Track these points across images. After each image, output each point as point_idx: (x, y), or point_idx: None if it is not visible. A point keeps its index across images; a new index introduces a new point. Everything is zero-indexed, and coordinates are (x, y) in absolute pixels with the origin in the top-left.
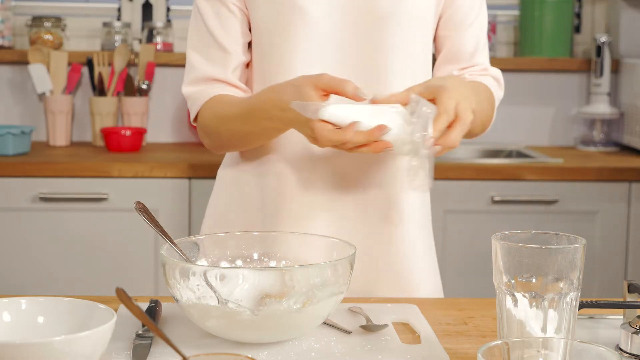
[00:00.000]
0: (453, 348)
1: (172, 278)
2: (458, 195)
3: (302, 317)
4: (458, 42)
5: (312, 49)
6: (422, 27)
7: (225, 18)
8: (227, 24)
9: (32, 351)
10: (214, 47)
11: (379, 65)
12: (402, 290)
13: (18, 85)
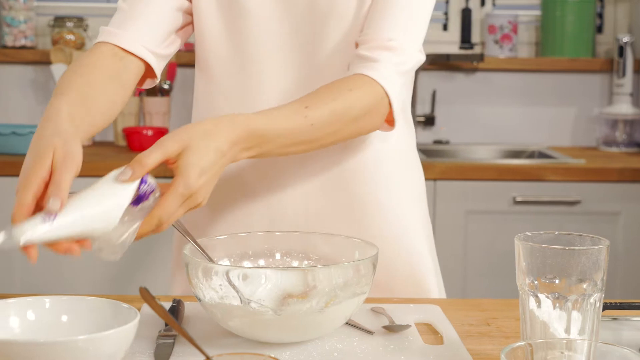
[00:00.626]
0: (476, 349)
1: (194, 277)
2: (480, 196)
3: (325, 317)
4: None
5: (254, 46)
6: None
7: None
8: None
9: (56, 350)
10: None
11: (322, 63)
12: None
13: (40, 85)
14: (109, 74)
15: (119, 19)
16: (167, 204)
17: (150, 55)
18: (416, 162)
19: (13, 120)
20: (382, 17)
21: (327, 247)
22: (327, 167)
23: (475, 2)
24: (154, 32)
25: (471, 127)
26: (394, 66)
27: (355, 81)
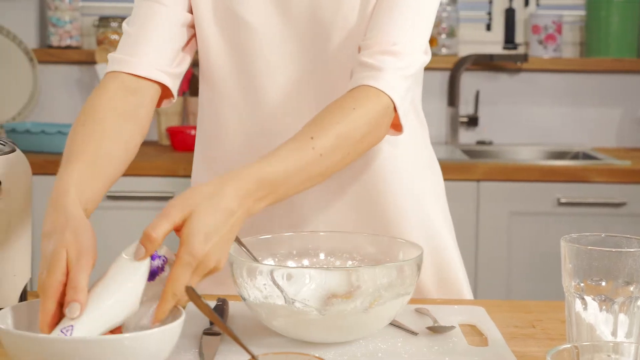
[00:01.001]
0: (521, 351)
1: (239, 277)
2: (524, 197)
3: (369, 317)
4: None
5: (257, 58)
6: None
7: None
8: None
9: (102, 347)
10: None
11: (326, 71)
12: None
13: (85, 85)
14: (121, 118)
15: (127, 44)
16: (176, 276)
17: (165, 76)
18: (432, 158)
19: (58, 120)
20: (385, 21)
21: (371, 247)
22: (343, 172)
23: (519, 2)
24: (164, 53)
25: (515, 128)
26: (398, 71)
27: (359, 97)
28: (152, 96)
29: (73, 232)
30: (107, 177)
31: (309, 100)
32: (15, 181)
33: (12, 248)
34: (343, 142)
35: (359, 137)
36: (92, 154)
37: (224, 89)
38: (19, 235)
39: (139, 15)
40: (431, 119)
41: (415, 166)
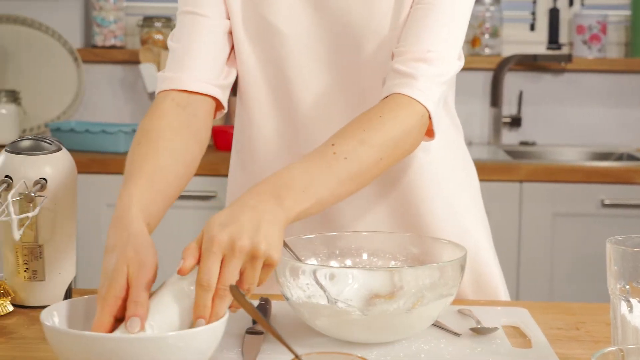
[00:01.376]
0: (565, 353)
1: (282, 276)
2: (567, 198)
3: (412, 318)
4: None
5: (290, 67)
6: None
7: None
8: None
9: (146, 346)
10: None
11: (359, 79)
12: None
13: (129, 84)
14: (176, 133)
15: (174, 60)
16: (202, 267)
17: (215, 88)
18: (466, 159)
19: (102, 119)
20: (419, 28)
21: (414, 247)
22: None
23: (563, 1)
24: (212, 65)
25: (558, 129)
26: (432, 78)
27: (389, 105)
28: (205, 110)
29: (135, 249)
30: (167, 192)
31: (341, 106)
32: (61, 180)
33: (58, 246)
34: (371, 148)
35: (389, 143)
36: (151, 170)
37: (257, 95)
38: (65, 233)
39: (182, 30)
40: (474, 119)
41: (449, 170)
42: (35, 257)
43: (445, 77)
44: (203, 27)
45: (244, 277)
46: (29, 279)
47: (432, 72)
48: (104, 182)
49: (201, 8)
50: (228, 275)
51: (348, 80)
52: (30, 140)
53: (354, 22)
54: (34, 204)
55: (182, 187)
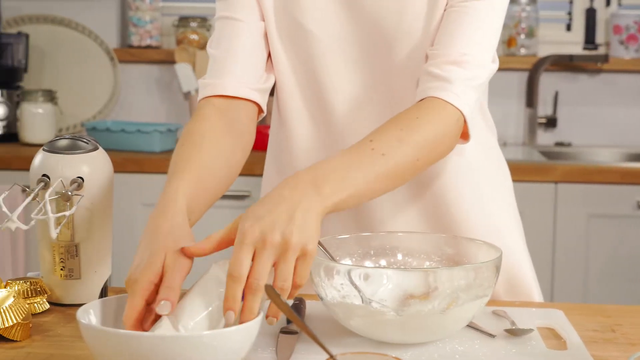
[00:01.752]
0: (601, 356)
1: (316, 276)
2: (603, 200)
3: (446, 319)
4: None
5: (321, 68)
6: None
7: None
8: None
9: (182, 344)
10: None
11: (391, 81)
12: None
13: (165, 84)
14: (219, 135)
15: (214, 67)
16: (234, 259)
17: (256, 93)
18: (500, 159)
19: (138, 118)
20: (454, 31)
21: (449, 248)
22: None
23: (600, 1)
24: (251, 69)
25: (594, 129)
26: (467, 81)
27: (425, 108)
28: (247, 114)
29: (175, 239)
30: (210, 190)
31: (373, 107)
32: (98, 179)
33: (94, 245)
34: (408, 147)
35: (426, 144)
36: (195, 168)
37: (290, 96)
38: (101, 232)
39: (220, 36)
40: (509, 119)
41: (482, 171)
42: (71, 255)
43: (479, 81)
44: (241, 32)
45: (277, 272)
46: (65, 277)
47: (467, 76)
48: (139, 182)
49: (237, 12)
50: (259, 268)
51: (379, 81)
52: (68, 140)
53: (386, 23)
54: (71, 203)
55: (224, 188)
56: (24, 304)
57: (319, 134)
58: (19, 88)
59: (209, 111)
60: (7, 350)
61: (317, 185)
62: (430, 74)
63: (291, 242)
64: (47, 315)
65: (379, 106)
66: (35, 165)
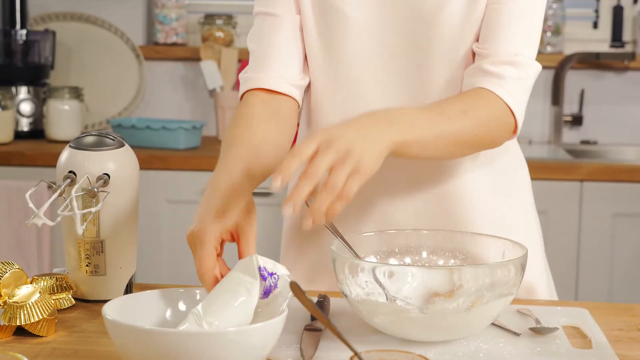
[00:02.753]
0: (626, 355)
1: (341, 273)
2: (628, 198)
3: (471, 317)
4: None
5: (356, 55)
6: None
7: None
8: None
9: (207, 341)
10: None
11: (426, 70)
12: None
13: (190, 81)
14: (266, 119)
15: (254, 62)
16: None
17: (294, 89)
18: (520, 159)
19: (163, 115)
20: (504, 31)
21: (474, 246)
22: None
23: None
24: (290, 65)
25: (620, 128)
26: (519, 81)
27: (479, 95)
28: (288, 106)
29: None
30: (262, 165)
31: (405, 95)
32: (124, 175)
33: (120, 241)
34: (470, 120)
35: (485, 123)
36: (248, 145)
37: (322, 85)
38: (126, 228)
39: (260, 31)
40: (534, 117)
41: (500, 167)
42: (96, 251)
43: (530, 81)
44: (279, 27)
45: (331, 175)
46: (90, 273)
47: (519, 75)
48: (164, 179)
49: (275, 8)
50: (317, 160)
51: (413, 69)
52: (94, 136)
53: (425, 9)
54: (97, 200)
55: (272, 169)
56: (50, 299)
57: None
58: (46, 85)
59: (254, 99)
60: (33, 346)
61: (391, 122)
62: (482, 70)
63: (352, 153)
64: (72, 311)
65: (410, 94)
66: (62, 162)
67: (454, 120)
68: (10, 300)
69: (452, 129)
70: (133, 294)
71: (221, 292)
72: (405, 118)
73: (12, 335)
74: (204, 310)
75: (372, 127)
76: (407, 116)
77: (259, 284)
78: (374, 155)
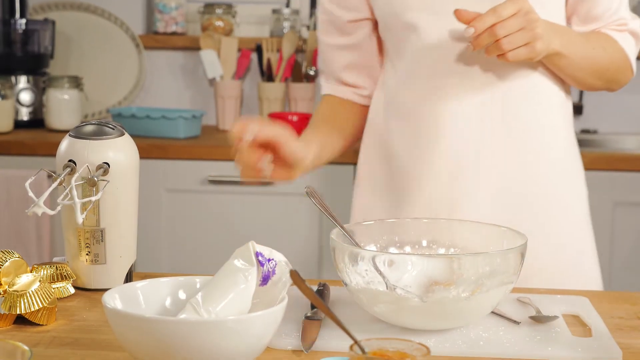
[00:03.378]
0: (626, 343)
1: (341, 262)
2: (628, 187)
3: (471, 305)
4: (592, 5)
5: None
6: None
7: None
8: None
9: (206, 329)
10: None
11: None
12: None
13: (190, 71)
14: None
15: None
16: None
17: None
18: (574, 148)
19: (163, 105)
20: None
21: (474, 235)
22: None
23: None
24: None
25: (621, 117)
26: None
27: (613, 42)
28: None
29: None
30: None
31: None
32: (124, 164)
33: (119, 230)
34: (608, 56)
35: (617, 62)
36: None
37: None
38: (126, 217)
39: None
40: None
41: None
42: (96, 240)
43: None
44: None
45: (516, 34)
46: (90, 262)
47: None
48: (164, 167)
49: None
50: (510, 18)
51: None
52: (94, 125)
53: None
54: (97, 188)
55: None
56: (50, 288)
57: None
58: (45, 74)
59: (328, 99)
60: (32, 334)
61: (559, 33)
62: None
63: (537, 33)
64: (72, 299)
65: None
66: (62, 151)
67: (596, 50)
68: (11, 289)
69: (593, 54)
70: (133, 283)
71: (220, 280)
72: (569, 33)
73: (12, 323)
74: (203, 298)
75: (551, 29)
76: (568, 33)
77: (257, 270)
78: (547, 46)
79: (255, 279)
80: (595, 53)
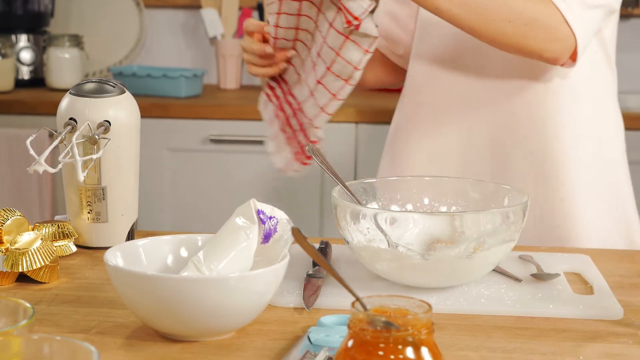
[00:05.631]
0: (627, 300)
1: (343, 220)
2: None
3: (472, 263)
4: None
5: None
6: None
7: None
8: None
9: (208, 286)
10: None
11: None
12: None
13: (190, 29)
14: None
15: None
16: None
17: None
18: (616, 109)
19: (164, 63)
20: None
21: (476, 193)
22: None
23: None
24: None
25: (623, 75)
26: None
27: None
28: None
29: None
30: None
31: None
32: (125, 122)
33: (121, 188)
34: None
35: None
36: None
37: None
38: (127, 175)
39: None
40: None
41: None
42: (98, 198)
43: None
44: None
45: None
46: (92, 220)
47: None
48: (165, 127)
49: None
50: None
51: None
52: (94, 83)
53: None
54: (98, 146)
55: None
56: (52, 246)
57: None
58: (46, 33)
59: None
60: (35, 292)
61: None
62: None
63: None
64: (74, 257)
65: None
66: (62, 109)
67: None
68: (13, 247)
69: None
70: (135, 241)
71: (221, 238)
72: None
73: (15, 281)
74: (204, 256)
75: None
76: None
77: (258, 227)
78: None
79: (257, 236)
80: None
